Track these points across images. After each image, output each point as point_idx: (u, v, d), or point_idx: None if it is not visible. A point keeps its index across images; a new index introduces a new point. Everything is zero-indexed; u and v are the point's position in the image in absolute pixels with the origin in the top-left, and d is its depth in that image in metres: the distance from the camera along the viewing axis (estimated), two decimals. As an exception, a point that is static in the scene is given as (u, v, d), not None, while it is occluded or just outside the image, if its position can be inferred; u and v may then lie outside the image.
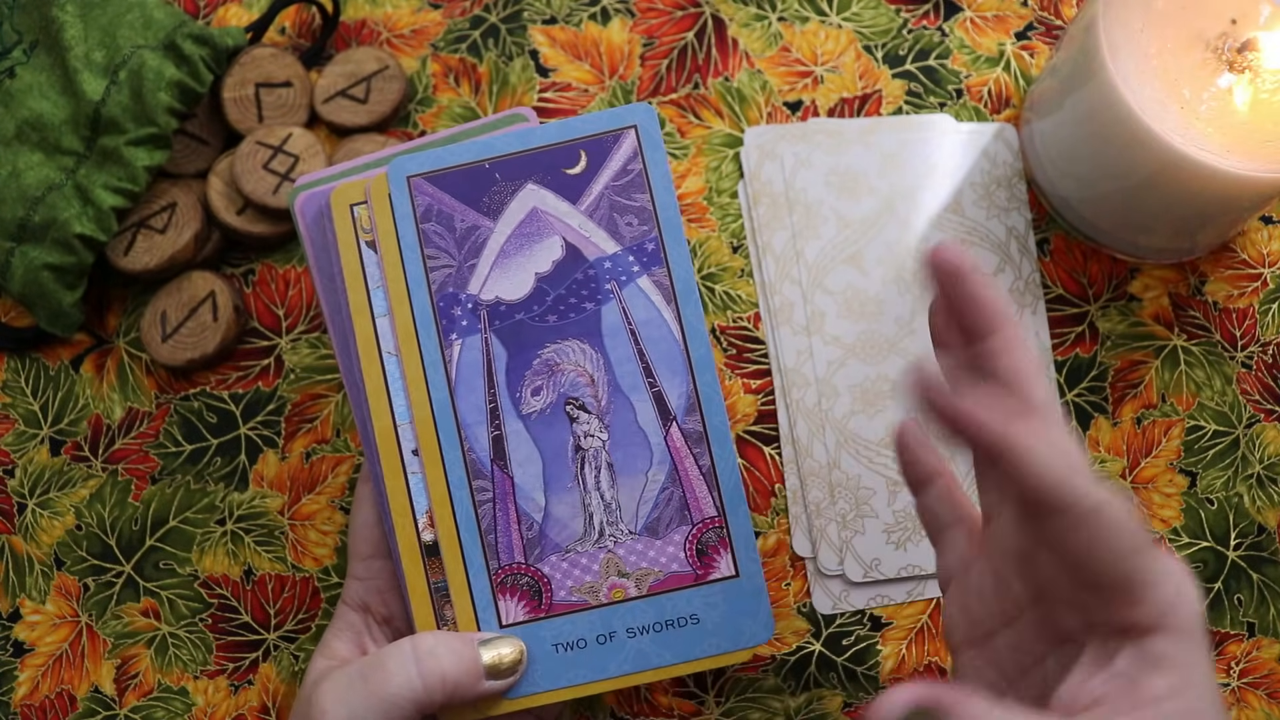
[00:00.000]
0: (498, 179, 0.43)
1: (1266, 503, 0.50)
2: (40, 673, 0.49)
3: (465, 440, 0.42)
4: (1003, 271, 0.52)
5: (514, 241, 0.43)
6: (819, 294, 0.51)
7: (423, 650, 0.39)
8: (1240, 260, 0.52)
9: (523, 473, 0.42)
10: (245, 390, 0.51)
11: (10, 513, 0.51)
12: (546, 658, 0.41)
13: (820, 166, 0.52)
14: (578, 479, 0.42)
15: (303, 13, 0.55)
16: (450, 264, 0.43)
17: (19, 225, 0.49)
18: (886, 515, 0.49)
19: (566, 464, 0.42)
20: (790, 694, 0.49)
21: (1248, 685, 0.49)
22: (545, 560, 0.42)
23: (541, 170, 0.43)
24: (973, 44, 0.55)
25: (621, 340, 0.42)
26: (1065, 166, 0.50)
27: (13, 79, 0.51)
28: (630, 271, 0.43)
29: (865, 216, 0.52)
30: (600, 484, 0.42)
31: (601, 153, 0.43)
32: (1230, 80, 0.45)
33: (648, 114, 0.43)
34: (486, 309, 0.43)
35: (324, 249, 0.44)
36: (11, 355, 0.52)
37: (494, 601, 0.41)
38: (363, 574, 0.43)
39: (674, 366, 0.42)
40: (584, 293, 0.43)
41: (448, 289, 0.43)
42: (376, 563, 0.43)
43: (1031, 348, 0.34)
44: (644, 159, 0.43)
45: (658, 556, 0.42)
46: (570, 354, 0.42)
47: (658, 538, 0.42)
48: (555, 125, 0.43)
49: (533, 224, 0.43)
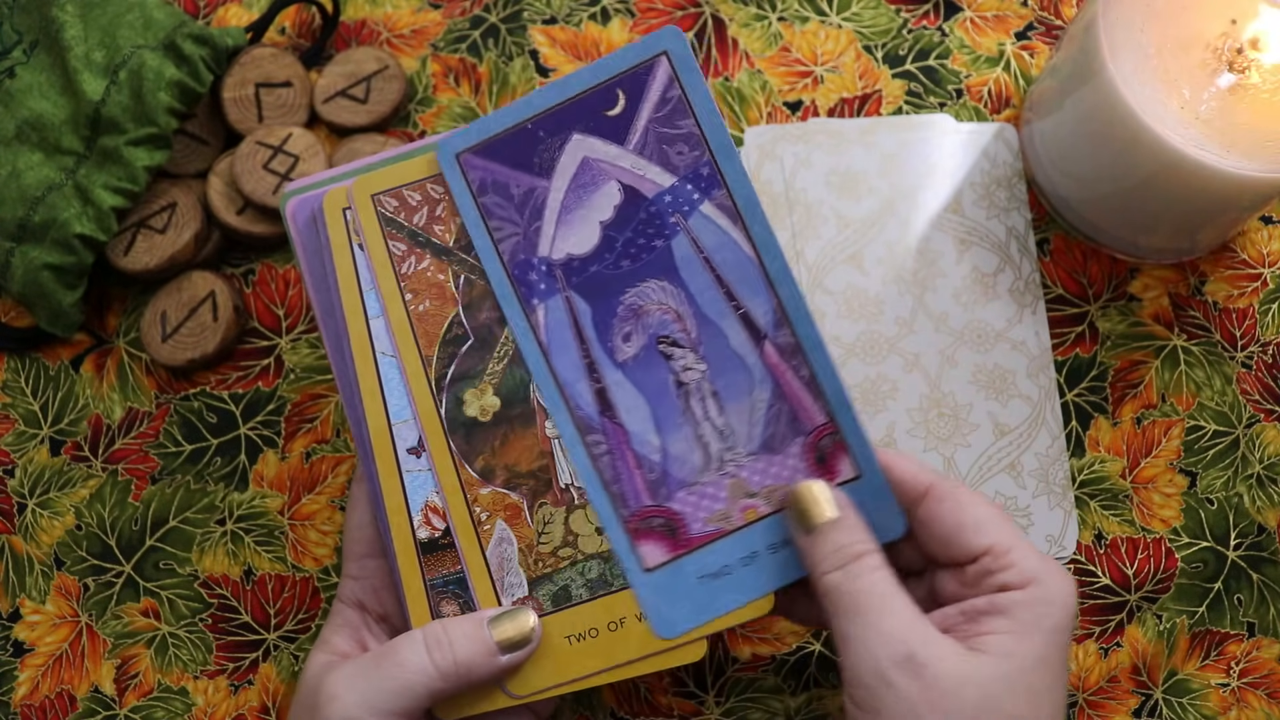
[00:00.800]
0: (542, 136, 0.43)
1: (1266, 503, 0.50)
2: (40, 673, 0.50)
3: (569, 399, 0.42)
4: (1003, 271, 0.52)
5: (572, 196, 0.43)
6: (819, 294, 0.51)
7: (433, 636, 0.40)
8: (1240, 260, 0.52)
9: (632, 419, 0.42)
10: (245, 390, 0.51)
11: (10, 513, 0.51)
12: (694, 590, 0.41)
13: (820, 166, 0.52)
14: (686, 413, 0.42)
15: (303, 13, 0.55)
16: (515, 231, 0.43)
17: (19, 225, 0.49)
18: None
19: (672, 401, 0.42)
20: (790, 694, 0.49)
21: (1248, 685, 0.49)
22: (673, 498, 0.42)
23: (584, 118, 0.43)
24: (973, 44, 0.55)
25: (697, 270, 0.42)
26: (1065, 166, 0.50)
27: (13, 79, 0.51)
28: (691, 200, 0.43)
29: (865, 216, 0.52)
30: (709, 413, 0.42)
31: (638, 87, 0.43)
32: (1230, 80, 0.45)
33: (676, 37, 0.43)
34: (560, 268, 0.43)
35: (316, 253, 0.44)
36: (11, 355, 0.52)
37: (632, 549, 0.42)
38: (357, 573, 0.43)
39: (753, 285, 0.42)
40: (650, 231, 0.43)
41: (519, 256, 0.43)
42: (371, 562, 0.43)
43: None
44: (681, 84, 0.43)
45: (780, 470, 0.42)
46: (651, 294, 0.43)
47: (776, 453, 0.42)
48: (588, 70, 0.43)
49: (586, 174, 0.43)
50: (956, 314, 0.51)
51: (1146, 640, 0.50)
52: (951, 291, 0.51)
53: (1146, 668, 0.49)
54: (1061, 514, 0.50)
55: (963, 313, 0.51)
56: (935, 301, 0.51)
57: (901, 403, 0.50)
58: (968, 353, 0.51)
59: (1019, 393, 0.51)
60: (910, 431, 0.50)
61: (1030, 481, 0.50)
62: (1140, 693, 0.49)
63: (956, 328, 0.51)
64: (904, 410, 0.50)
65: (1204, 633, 0.50)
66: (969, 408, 0.50)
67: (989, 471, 0.50)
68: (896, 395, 0.51)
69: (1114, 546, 0.50)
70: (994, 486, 0.50)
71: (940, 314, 0.51)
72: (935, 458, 0.50)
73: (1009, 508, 0.50)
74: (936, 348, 0.51)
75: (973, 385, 0.51)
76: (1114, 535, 0.50)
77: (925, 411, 0.50)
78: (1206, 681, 0.49)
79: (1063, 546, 0.50)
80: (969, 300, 0.51)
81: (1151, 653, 0.50)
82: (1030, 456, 0.50)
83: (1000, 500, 0.50)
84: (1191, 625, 0.50)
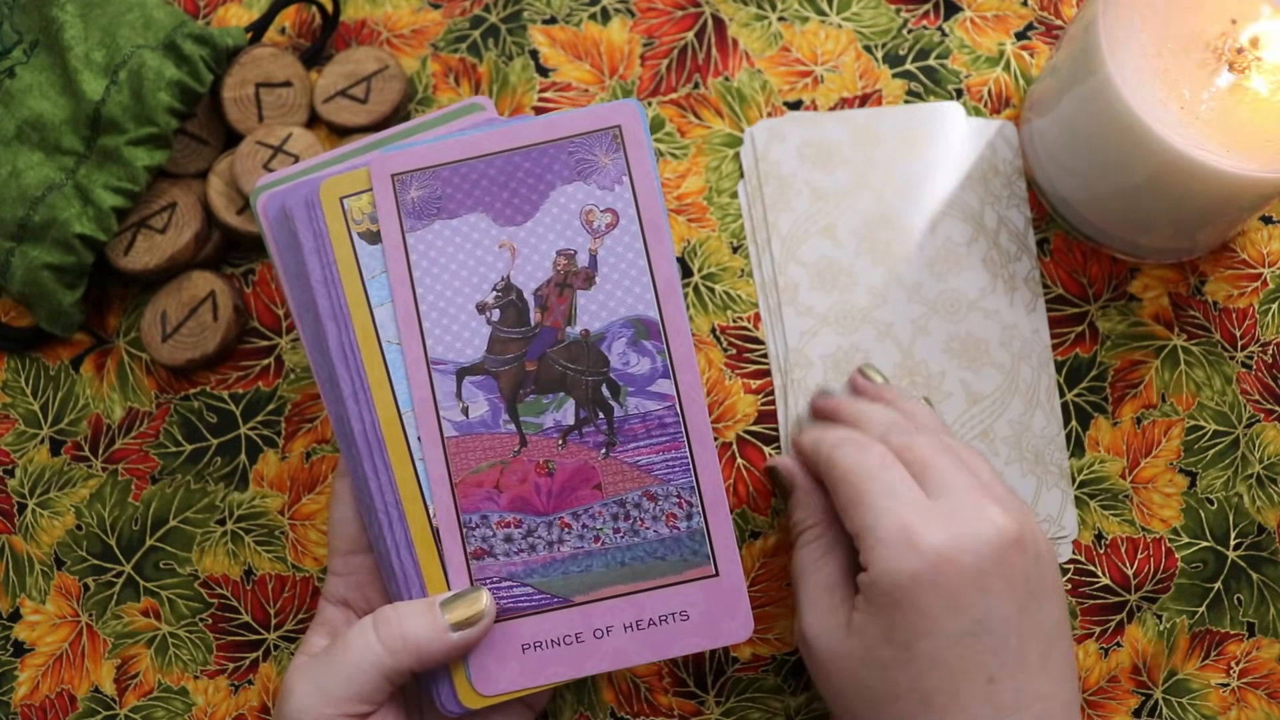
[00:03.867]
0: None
1: (1266, 503, 0.50)
2: (40, 673, 0.50)
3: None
4: (976, 241, 0.52)
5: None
6: (792, 265, 0.52)
7: (380, 618, 0.40)
8: (1240, 260, 0.52)
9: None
10: (245, 390, 0.51)
11: (10, 513, 0.51)
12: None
13: (793, 139, 0.53)
14: None
15: (303, 13, 0.55)
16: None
17: (19, 225, 0.49)
18: None
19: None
20: (790, 694, 0.49)
21: (1247, 685, 0.49)
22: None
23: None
24: (973, 44, 0.55)
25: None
26: (1065, 166, 0.50)
27: (13, 79, 0.51)
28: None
29: (839, 188, 0.52)
30: None
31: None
32: (1230, 80, 0.45)
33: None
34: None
35: (290, 248, 0.43)
36: (11, 355, 0.52)
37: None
38: (342, 569, 0.43)
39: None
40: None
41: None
42: (355, 558, 0.43)
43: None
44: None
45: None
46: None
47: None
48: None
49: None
50: (930, 284, 0.51)
51: (1146, 640, 0.50)
52: (925, 261, 0.52)
53: (1146, 668, 0.49)
54: (1059, 494, 0.50)
55: (936, 282, 0.51)
56: (908, 272, 0.51)
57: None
58: (940, 322, 0.51)
59: (991, 361, 0.51)
60: None
61: (1003, 449, 0.50)
62: (1140, 693, 0.49)
63: (930, 297, 0.51)
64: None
65: (1204, 633, 0.50)
66: (941, 375, 0.51)
67: (962, 439, 0.50)
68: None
69: (1114, 546, 0.50)
70: None
71: (913, 284, 0.51)
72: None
73: None
74: (909, 317, 0.51)
75: (945, 354, 0.51)
76: (1114, 535, 0.50)
77: (898, 380, 0.51)
78: (1206, 681, 0.49)
79: (1061, 527, 0.50)
80: (942, 270, 0.51)
81: (1151, 653, 0.50)
82: (1004, 424, 0.50)
83: None
84: (1191, 625, 0.50)
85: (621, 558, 0.42)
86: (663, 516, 0.42)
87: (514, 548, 0.42)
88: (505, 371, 0.42)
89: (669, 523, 0.42)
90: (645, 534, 0.42)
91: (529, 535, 0.42)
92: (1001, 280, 0.52)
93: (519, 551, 0.42)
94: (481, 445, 0.42)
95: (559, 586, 0.42)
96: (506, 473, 0.42)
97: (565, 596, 0.42)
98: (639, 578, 0.42)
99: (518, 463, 0.42)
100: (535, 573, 0.42)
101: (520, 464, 0.42)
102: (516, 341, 0.42)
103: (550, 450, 0.42)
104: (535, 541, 0.42)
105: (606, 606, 0.42)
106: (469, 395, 0.42)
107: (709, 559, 0.42)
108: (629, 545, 0.42)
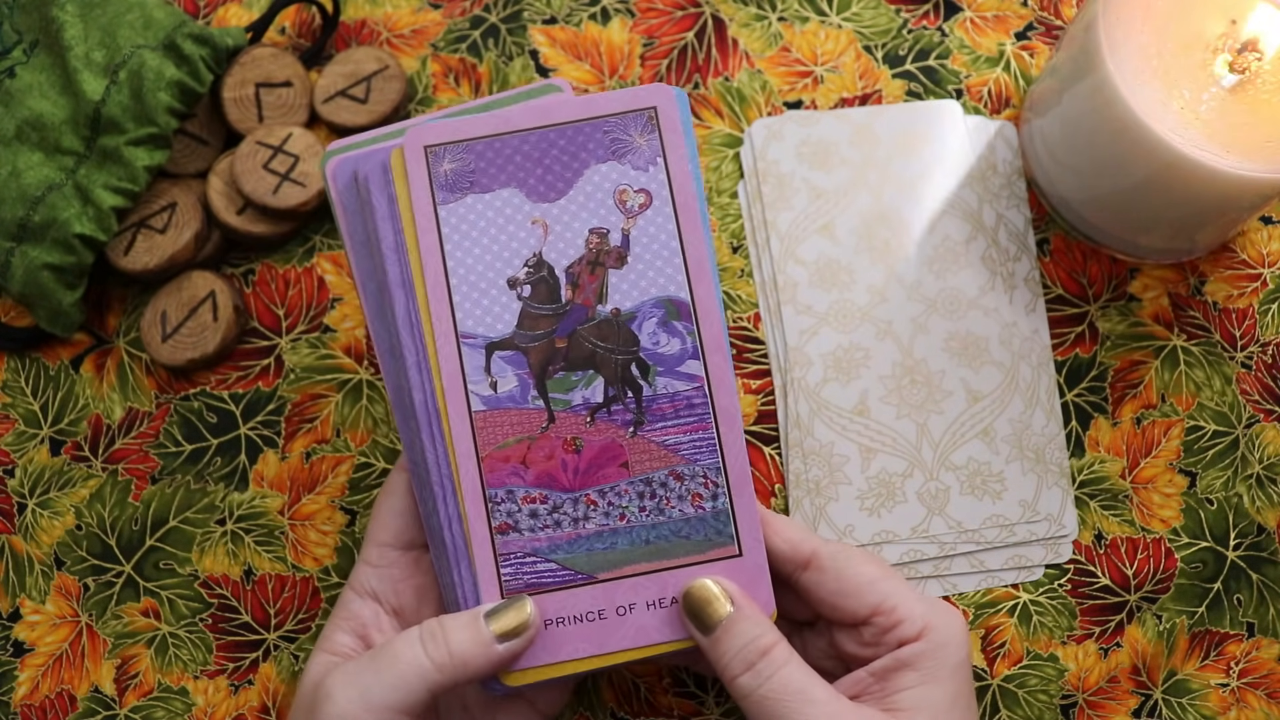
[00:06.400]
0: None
1: (1266, 503, 0.50)
2: (40, 673, 0.50)
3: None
4: (975, 239, 0.52)
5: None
6: (791, 264, 0.52)
7: (428, 631, 0.40)
8: (1240, 260, 0.52)
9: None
10: (245, 390, 0.51)
11: (10, 513, 0.51)
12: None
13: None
14: None
15: (303, 13, 0.55)
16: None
17: (19, 225, 0.49)
18: (860, 482, 0.50)
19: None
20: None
21: (1247, 685, 0.49)
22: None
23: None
24: (973, 44, 0.55)
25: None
26: (1065, 166, 0.50)
27: (13, 79, 0.51)
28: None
29: (837, 187, 0.52)
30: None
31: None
32: (1230, 80, 0.45)
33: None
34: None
35: (357, 214, 0.43)
36: (11, 355, 0.52)
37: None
38: (377, 560, 0.43)
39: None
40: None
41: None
42: (393, 552, 0.43)
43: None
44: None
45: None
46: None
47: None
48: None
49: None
50: (929, 282, 0.51)
51: (1146, 640, 0.50)
52: (924, 259, 0.52)
53: (1146, 668, 0.50)
54: (1060, 493, 0.50)
55: (935, 280, 0.51)
56: (907, 270, 0.52)
57: (874, 370, 0.51)
58: (940, 320, 0.51)
59: (991, 359, 0.51)
60: (883, 399, 0.51)
61: (1004, 447, 0.50)
62: (1140, 693, 0.49)
63: (929, 295, 0.51)
64: (877, 378, 0.51)
65: (1204, 633, 0.50)
66: (941, 374, 0.51)
67: (962, 438, 0.50)
68: (869, 363, 0.51)
69: (1114, 546, 0.50)
70: (967, 453, 0.50)
71: (913, 282, 0.51)
72: (909, 425, 0.50)
73: (982, 473, 0.50)
74: (908, 315, 0.51)
75: (945, 352, 0.51)
76: (1114, 535, 0.50)
77: (898, 379, 0.51)
78: (1206, 682, 0.50)
79: (1061, 526, 0.50)
80: (941, 268, 0.52)
81: (1151, 653, 0.50)
82: (1004, 423, 0.50)
83: (974, 465, 0.50)
84: (1191, 625, 0.50)
85: (646, 536, 0.42)
86: (688, 496, 0.42)
87: (539, 523, 0.42)
88: (535, 347, 0.42)
89: (694, 502, 0.42)
90: (670, 513, 0.42)
91: (554, 511, 0.42)
92: (1000, 278, 0.52)
93: (544, 527, 0.42)
94: (509, 420, 0.42)
95: (583, 563, 0.41)
96: (534, 448, 0.42)
97: (589, 573, 0.41)
98: (663, 556, 0.42)
99: (545, 439, 0.42)
100: (560, 549, 0.41)
101: (548, 440, 0.42)
102: (547, 318, 0.42)
103: (578, 427, 0.42)
104: (560, 518, 0.42)
105: (630, 584, 0.41)
106: (498, 370, 0.42)
107: (733, 539, 0.42)
108: (654, 524, 0.42)
